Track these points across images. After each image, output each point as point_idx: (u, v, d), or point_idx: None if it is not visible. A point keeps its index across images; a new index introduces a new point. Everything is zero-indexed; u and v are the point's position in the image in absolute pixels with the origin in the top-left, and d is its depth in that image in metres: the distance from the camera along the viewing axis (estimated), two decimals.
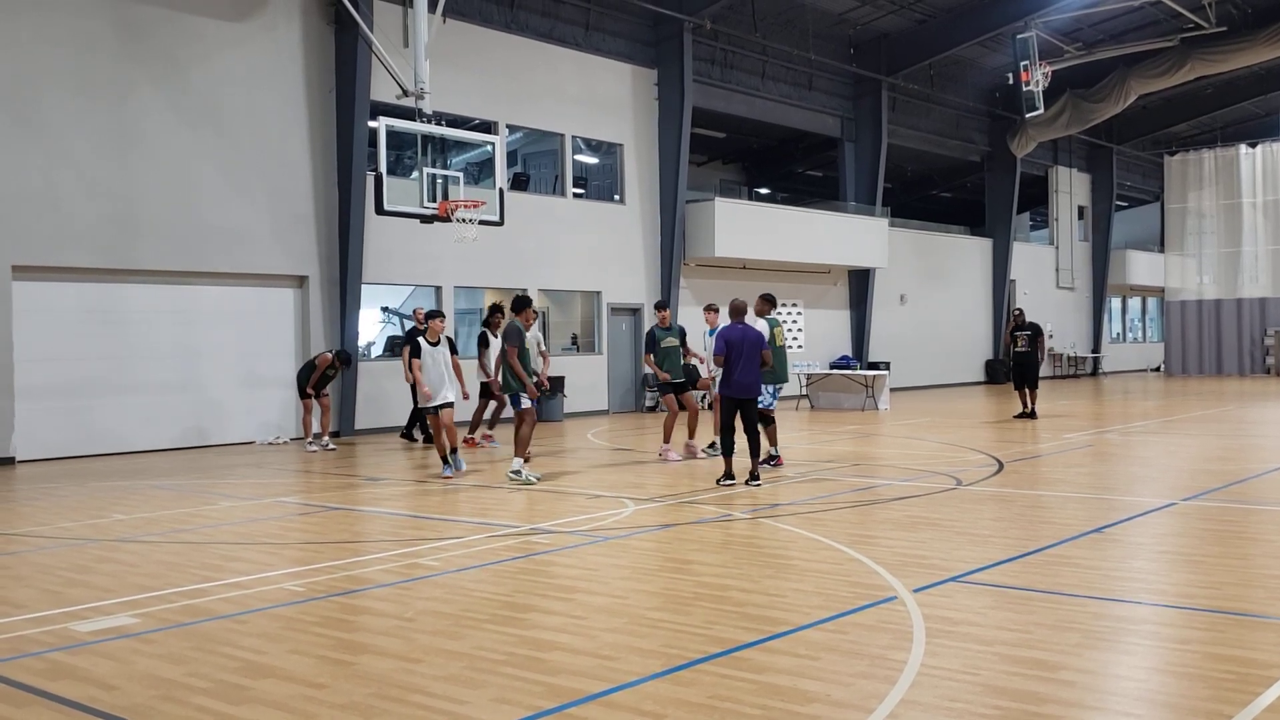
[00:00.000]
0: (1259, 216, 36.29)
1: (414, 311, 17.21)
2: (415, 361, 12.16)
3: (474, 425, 15.86)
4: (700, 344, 14.64)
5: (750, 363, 11.00)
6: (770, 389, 12.34)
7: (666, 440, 13.68)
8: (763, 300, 12.90)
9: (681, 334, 14.15)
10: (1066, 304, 37.77)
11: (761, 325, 12.18)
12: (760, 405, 11.69)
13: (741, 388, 11.04)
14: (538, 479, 11.61)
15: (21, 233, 14.79)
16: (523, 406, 11.68)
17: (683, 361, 14.13)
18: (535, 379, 11.89)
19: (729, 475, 11.06)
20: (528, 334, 11.83)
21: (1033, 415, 19.10)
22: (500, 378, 12.01)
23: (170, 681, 4.91)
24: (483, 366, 15.14)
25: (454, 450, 12.30)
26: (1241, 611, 5.79)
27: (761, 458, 11.65)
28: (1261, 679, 4.61)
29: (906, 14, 26.92)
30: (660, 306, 14.31)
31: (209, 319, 16.86)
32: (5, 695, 4.78)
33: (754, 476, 11.02)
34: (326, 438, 16.07)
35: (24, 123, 14.83)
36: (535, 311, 12.56)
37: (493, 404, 15.59)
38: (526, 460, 11.76)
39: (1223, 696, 4.42)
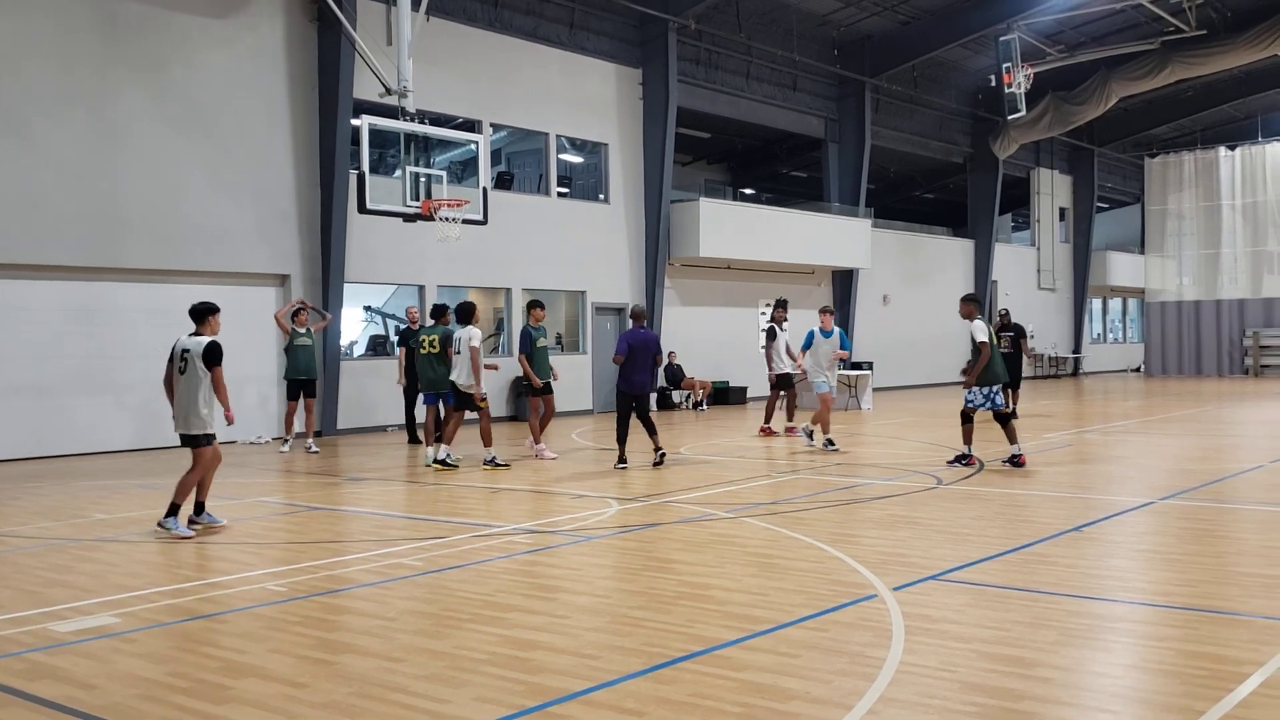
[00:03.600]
0: (1238, 218, 36.58)
1: (407, 310, 17.22)
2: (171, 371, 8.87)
3: (775, 414, 16.85)
4: (799, 343, 15.46)
5: (644, 364, 12.22)
6: (993, 390, 12.21)
7: (538, 440, 14.08)
8: (967, 303, 12.46)
9: (545, 335, 14.29)
10: (1048, 305, 38.00)
11: (977, 327, 12.12)
12: (994, 407, 12.22)
13: (638, 385, 12.28)
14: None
15: (1, 230, 14.69)
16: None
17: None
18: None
19: (623, 459, 12.42)
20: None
21: (1013, 415, 19.17)
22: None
23: (151, 681, 4.90)
24: (770, 359, 16.41)
25: (200, 507, 9.04)
26: (1216, 609, 5.86)
27: (1012, 453, 12.23)
28: (1234, 675, 4.67)
29: (890, 16, 27.03)
30: (534, 305, 14.01)
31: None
32: None
33: (659, 456, 12.44)
34: (310, 439, 16.01)
35: (4, 119, 14.74)
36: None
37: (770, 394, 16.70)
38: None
39: (1196, 693, 4.48)
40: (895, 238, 31.42)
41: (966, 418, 12.42)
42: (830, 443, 14.09)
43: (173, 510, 8.70)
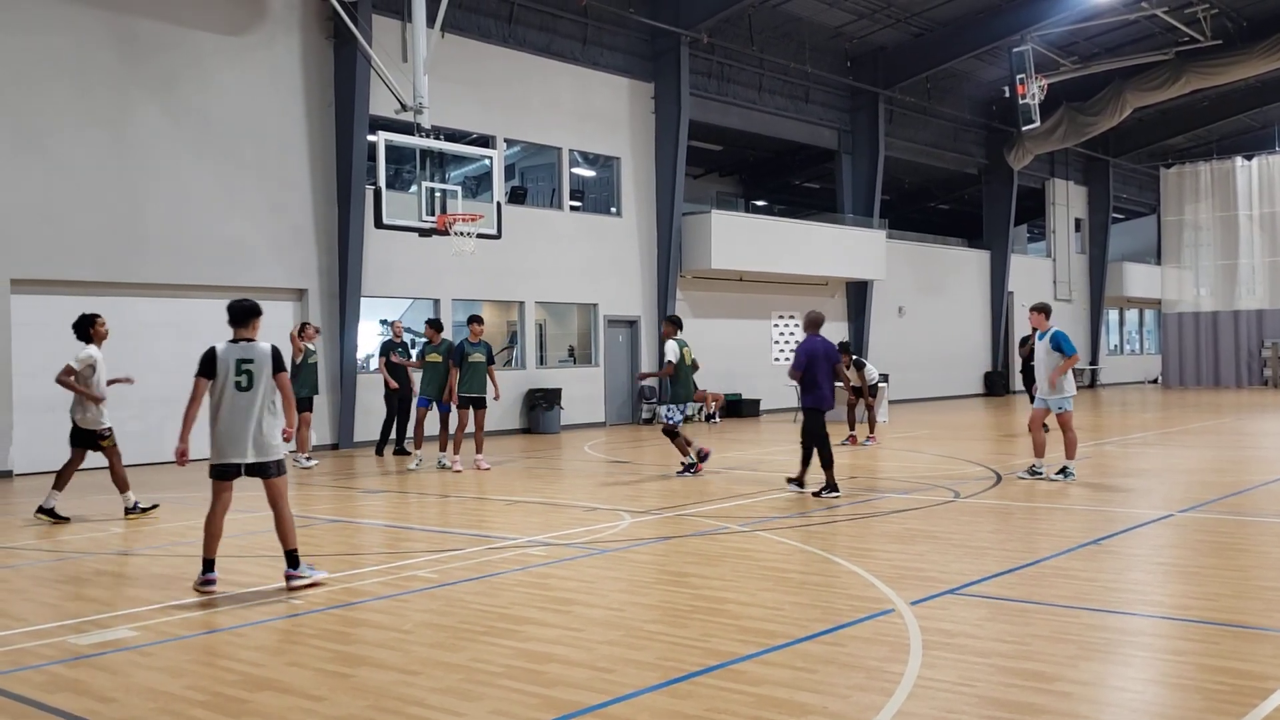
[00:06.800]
0: (1255, 229, 36.43)
1: (392, 324, 17.51)
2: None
3: (853, 424, 17.55)
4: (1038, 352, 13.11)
5: (827, 374, 11.20)
6: (684, 406, 13.10)
7: (456, 451, 14.18)
8: (668, 323, 13.33)
9: (488, 350, 14.05)
10: (1064, 316, 37.75)
11: (669, 347, 12.85)
12: (672, 422, 12.81)
13: (828, 399, 11.23)
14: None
15: (20, 246, 14.82)
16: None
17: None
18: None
19: (833, 487, 10.91)
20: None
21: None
22: None
23: (169, 694, 4.92)
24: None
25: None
26: (1237, 623, 5.81)
27: (684, 463, 12.94)
28: (1256, 690, 4.63)
29: (903, 27, 27.04)
30: (474, 320, 14.03)
31: (208, 332, 16.69)
32: (4, 708, 4.79)
33: (832, 487, 10.93)
34: (309, 452, 15.88)
35: (23, 136, 14.88)
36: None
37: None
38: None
39: (1217, 708, 4.44)
40: (910, 249, 31.35)
41: (673, 434, 12.95)
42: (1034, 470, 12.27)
43: (294, 559, 7.14)
